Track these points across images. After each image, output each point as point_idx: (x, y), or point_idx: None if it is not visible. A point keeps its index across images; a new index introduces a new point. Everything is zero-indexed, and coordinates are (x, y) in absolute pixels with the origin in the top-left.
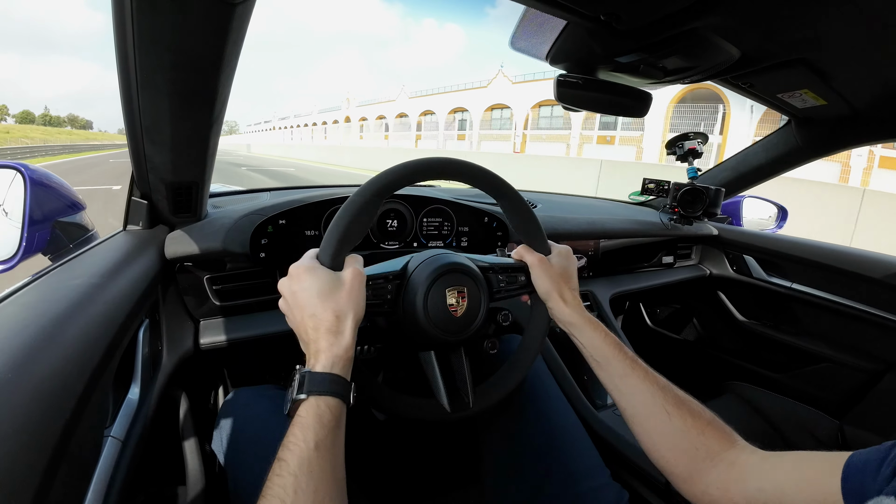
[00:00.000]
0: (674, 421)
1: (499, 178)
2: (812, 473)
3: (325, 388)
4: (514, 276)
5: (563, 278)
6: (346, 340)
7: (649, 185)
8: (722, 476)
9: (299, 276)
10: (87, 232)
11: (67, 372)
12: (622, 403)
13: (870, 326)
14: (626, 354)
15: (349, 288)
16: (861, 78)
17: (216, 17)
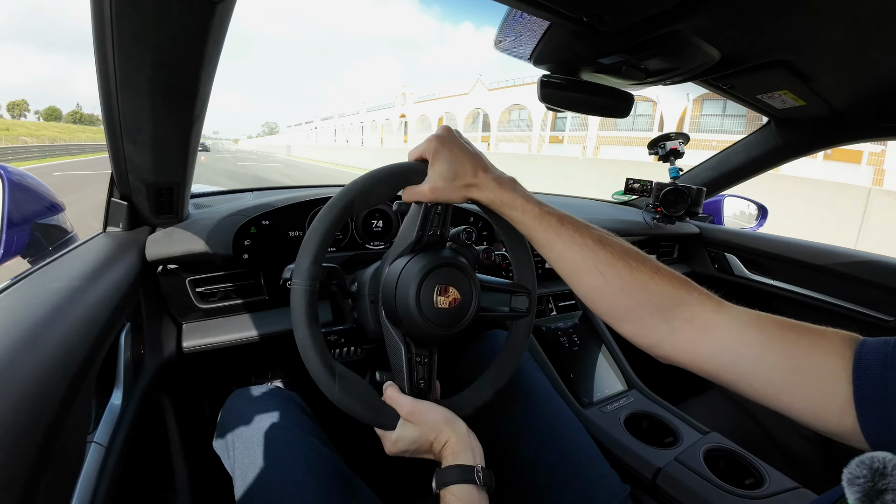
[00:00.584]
0: (609, 280)
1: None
2: (810, 366)
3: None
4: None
5: (462, 164)
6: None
7: (633, 185)
8: (677, 333)
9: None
10: (66, 234)
11: (49, 377)
12: (558, 269)
13: (850, 323)
14: (549, 220)
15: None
16: (839, 79)
17: (197, 16)
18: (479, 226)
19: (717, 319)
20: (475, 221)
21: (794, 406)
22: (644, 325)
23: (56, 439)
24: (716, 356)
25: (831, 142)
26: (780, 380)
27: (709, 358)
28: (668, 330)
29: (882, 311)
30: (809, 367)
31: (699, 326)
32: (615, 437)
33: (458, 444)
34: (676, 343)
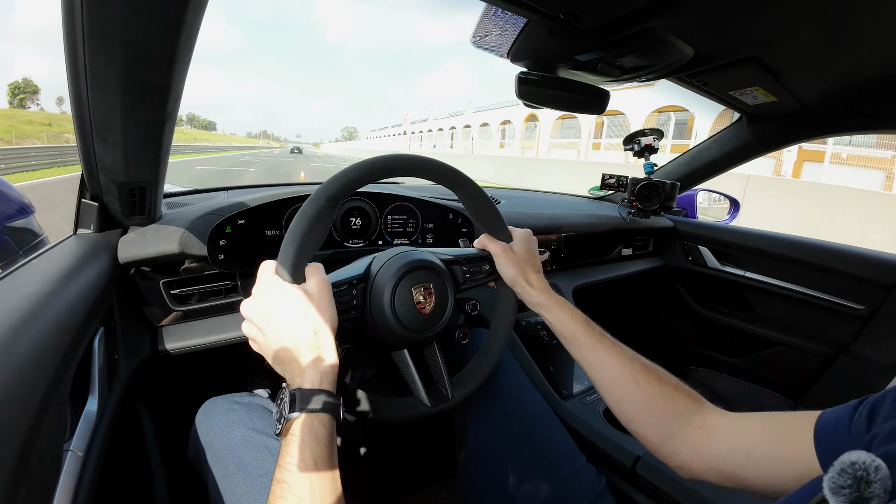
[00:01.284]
0: (642, 387)
1: (455, 169)
2: (782, 433)
3: (316, 406)
4: (477, 266)
5: (528, 263)
6: (329, 355)
7: (609, 181)
8: (692, 438)
9: (266, 297)
10: (36, 237)
11: (21, 385)
12: (593, 375)
13: (821, 311)
14: (593, 329)
15: (319, 300)
16: (810, 75)
17: (169, 11)
18: (459, 222)
19: (719, 421)
20: (454, 218)
21: (778, 478)
22: (666, 432)
23: (32, 449)
24: (718, 452)
25: (802, 136)
26: (764, 455)
27: (715, 455)
28: (685, 437)
29: (852, 300)
30: (784, 439)
31: (707, 430)
32: (595, 428)
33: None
34: (692, 448)
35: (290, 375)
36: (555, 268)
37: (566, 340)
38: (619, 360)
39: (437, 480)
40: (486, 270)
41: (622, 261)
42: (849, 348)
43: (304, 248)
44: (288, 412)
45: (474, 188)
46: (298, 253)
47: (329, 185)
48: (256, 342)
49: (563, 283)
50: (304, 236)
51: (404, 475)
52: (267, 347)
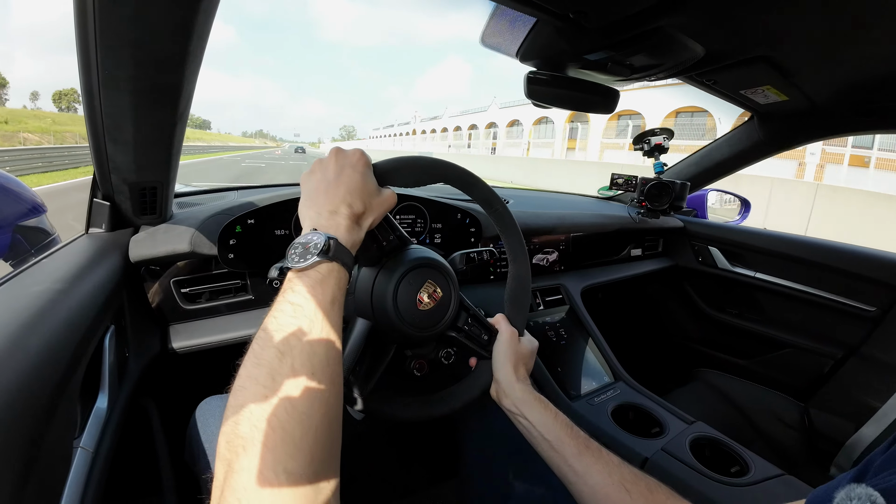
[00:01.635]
0: (634, 498)
1: (524, 246)
2: None
3: (347, 261)
4: (479, 330)
5: (524, 360)
6: (361, 235)
7: (618, 180)
8: None
9: (357, 160)
10: (48, 236)
11: (33, 382)
12: (579, 485)
13: (831, 313)
14: (577, 433)
15: (382, 200)
16: (821, 74)
17: (180, 13)
18: (467, 222)
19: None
20: (462, 218)
21: None
22: None
23: (42, 445)
24: None
25: (813, 136)
26: None
27: None
28: None
29: (864, 301)
30: None
31: None
32: (603, 429)
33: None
34: None
35: (322, 223)
36: (563, 268)
37: (549, 445)
38: (607, 468)
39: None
40: (483, 341)
41: (631, 261)
42: (859, 350)
43: (405, 170)
44: (319, 253)
45: (526, 271)
46: (399, 168)
47: (448, 164)
48: (313, 175)
49: (571, 283)
50: (413, 166)
51: (408, 476)
52: (322, 184)
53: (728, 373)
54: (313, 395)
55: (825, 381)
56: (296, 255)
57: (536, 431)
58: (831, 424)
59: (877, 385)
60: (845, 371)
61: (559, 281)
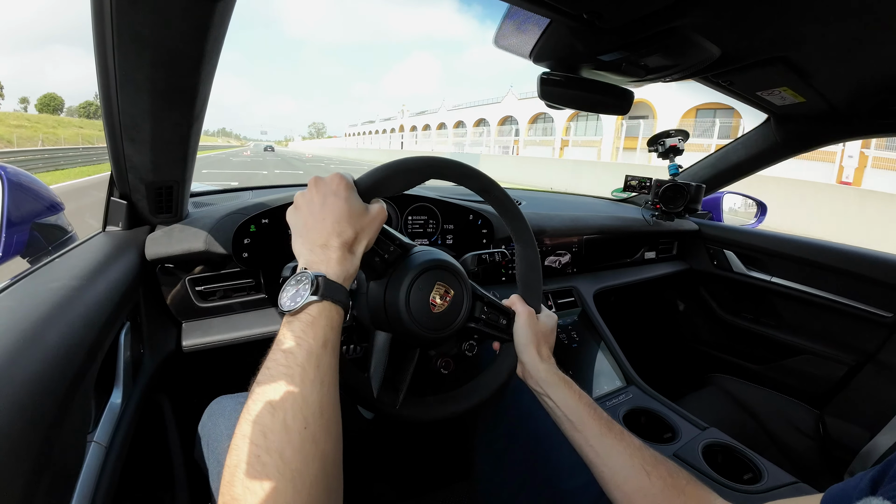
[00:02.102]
0: (654, 481)
1: (529, 227)
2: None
3: (338, 296)
4: (496, 316)
5: (545, 336)
6: (356, 262)
7: (632, 182)
8: None
9: (338, 185)
10: (65, 234)
11: (49, 376)
12: (600, 466)
13: (848, 319)
14: (600, 414)
15: (372, 218)
16: (839, 76)
17: (197, 15)
18: (479, 223)
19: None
20: (474, 219)
21: None
22: None
23: (56, 439)
24: None
25: (830, 139)
26: None
27: None
28: None
29: (880, 306)
30: None
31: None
32: None
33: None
34: None
35: (313, 259)
36: (575, 270)
37: (572, 425)
38: (629, 450)
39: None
40: (502, 326)
41: (645, 264)
42: (875, 356)
43: (389, 179)
44: (309, 294)
45: (534, 254)
46: (384, 179)
47: (437, 159)
48: (299, 211)
49: (583, 285)
50: (396, 172)
51: (417, 477)
52: (307, 221)
53: (742, 378)
54: (307, 450)
55: (841, 388)
56: (286, 297)
57: (560, 411)
58: (846, 432)
59: (893, 392)
60: (861, 378)
61: (572, 283)
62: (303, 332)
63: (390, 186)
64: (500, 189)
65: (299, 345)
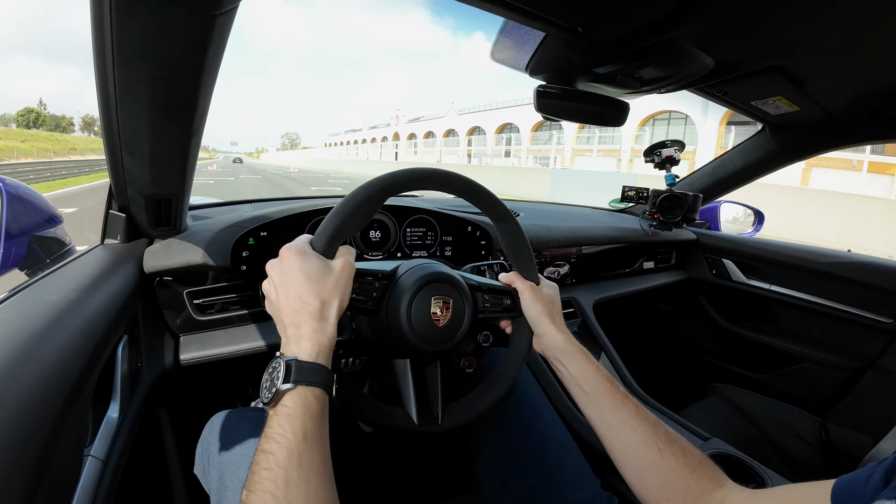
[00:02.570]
0: (666, 458)
1: (499, 201)
2: (801, 503)
3: (312, 378)
4: (499, 299)
5: (554, 305)
6: (330, 329)
7: (629, 193)
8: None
9: (289, 258)
10: (64, 246)
11: (45, 390)
12: (612, 439)
13: (849, 326)
14: (616, 388)
15: (337, 276)
16: (833, 83)
17: (197, 29)
18: (477, 235)
19: (739, 499)
20: (473, 231)
21: None
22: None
23: (53, 453)
24: None
25: (826, 146)
26: None
27: None
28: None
29: (880, 313)
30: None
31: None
32: None
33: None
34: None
35: (286, 341)
36: (574, 281)
37: (586, 397)
38: (643, 426)
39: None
40: (507, 305)
41: (644, 274)
42: (876, 363)
43: (342, 227)
44: (281, 383)
45: (515, 225)
46: (336, 230)
47: (384, 178)
48: (269, 300)
49: (583, 296)
50: (347, 217)
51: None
52: (276, 306)
53: (744, 387)
54: None
55: (843, 396)
56: (264, 388)
57: (576, 382)
58: (849, 439)
59: (895, 398)
60: (863, 385)
61: (571, 294)
62: (281, 428)
63: (347, 230)
64: (458, 177)
65: (279, 443)
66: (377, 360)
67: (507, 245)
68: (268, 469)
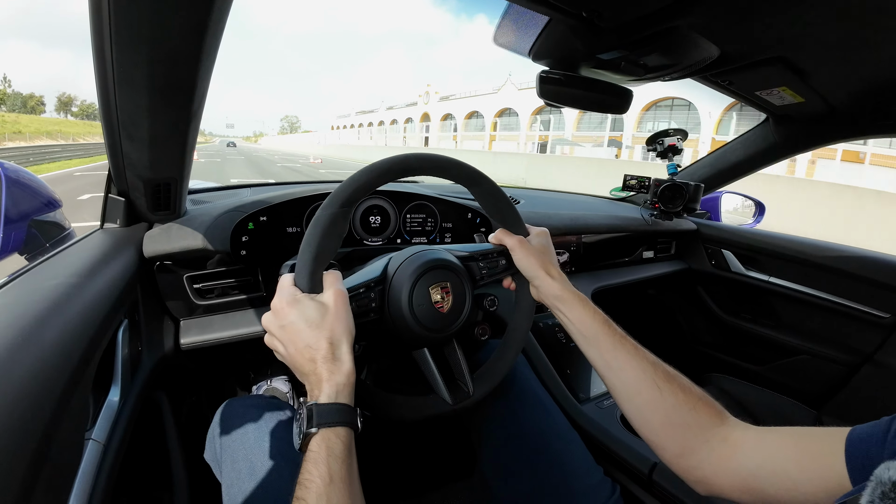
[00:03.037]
0: (665, 396)
1: (469, 166)
2: (813, 448)
3: (333, 419)
4: (494, 261)
5: (546, 255)
6: (346, 366)
7: (630, 182)
8: (714, 453)
9: (284, 311)
10: (63, 231)
11: (46, 374)
12: (612, 379)
13: (847, 319)
14: (614, 329)
15: (335, 311)
16: (838, 76)
17: (195, 11)
18: (477, 221)
19: (745, 435)
20: (473, 217)
21: (808, 495)
22: (688, 444)
23: (54, 437)
24: (744, 467)
25: (829, 139)
26: (795, 471)
27: (740, 470)
28: (708, 450)
29: (878, 307)
30: (815, 455)
31: (731, 444)
32: (611, 433)
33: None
34: (714, 462)
35: (309, 387)
36: (574, 269)
37: (585, 340)
38: (642, 365)
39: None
40: (503, 265)
41: (643, 263)
42: (873, 357)
43: (319, 256)
44: (305, 428)
45: (489, 185)
46: (314, 262)
47: (341, 190)
48: (279, 353)
49: (582, 285)
50: (319, 245)
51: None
52: (288, 360)
53: (740, 378)
54: None
55: (839, 389)
56: (295, 436)
57: (575, 327)
58: None
59: (891, 392)
60: (859, 378)
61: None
62: (309, 474)
63: (325, 256)
64: (415, 158)
65: (308, 488)
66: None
67: (487, 207)
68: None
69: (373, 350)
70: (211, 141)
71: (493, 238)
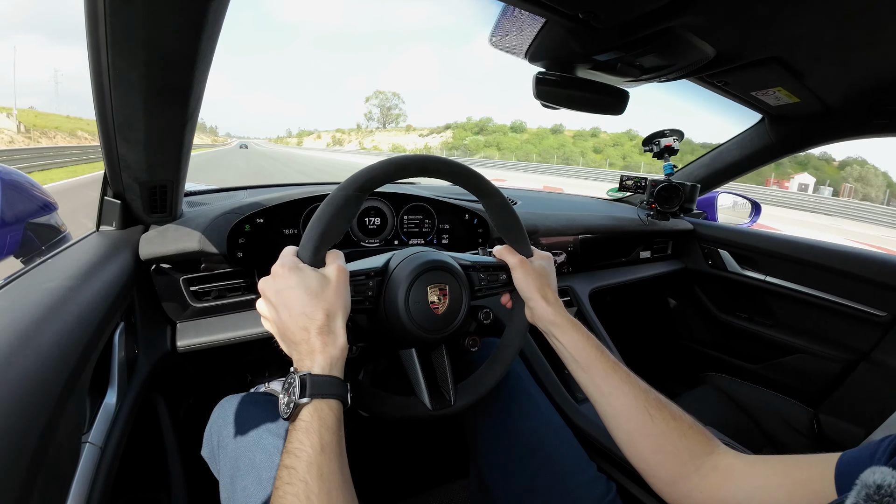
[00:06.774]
0: (656, 422)
1: (482, 177)
2: (803, 478)
3: (326, 391)
4: (495, 275)
5: (545, 279)
6: (340, 340)
7: (627, 182)
8: (705, 480)
9: (284, 275)
10: (59, 233)
11: (43, 377)
12: (604, 406)
13: (843, 318)
14: (607, 356)
15: (336, 285)
16: (833, 76)
17: (191, 13)
18: (475, 223)
19: (735, 463)
20: (470, 219)
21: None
22: (679, 472)
23: (51, 440)
24: (734, 497)
25: (824, 138)
26: (785, 501)
27: (730, 499)
28: (699, 478)
29: (874, 306)
30: (805, 483)
31: (722, 472)
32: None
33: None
34: (705, 490)
35: (299, 357)
36: (571, 269)
37: (578, 366)
38: (633, 391)
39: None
40: (503, 280)
41: (640, 263)
42: (870, 355)
43: (327, 233)
44: (298, 397)
45: (501, 199)
46: (321, 237)
47: (359, 175)
48: (268, 320)
49: (579, 285)
50: (329, 222)
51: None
52: (279, 326)
53: (737, 377)
54: None
55: (835, 387)
56: (282, 404)
57: (568, 353)
58: (841, 430)
59: (887, 391)
60: (856, 376)
61: (567, 283)
62: (300, 443)
63: (332, 236)
64: (422, 159)
65: (298, 457)
66: (373, 347)
67: (496, 220)
68: (289, 483)
69: (369, 351)
70: (220, 142)
71: (497, 253)
